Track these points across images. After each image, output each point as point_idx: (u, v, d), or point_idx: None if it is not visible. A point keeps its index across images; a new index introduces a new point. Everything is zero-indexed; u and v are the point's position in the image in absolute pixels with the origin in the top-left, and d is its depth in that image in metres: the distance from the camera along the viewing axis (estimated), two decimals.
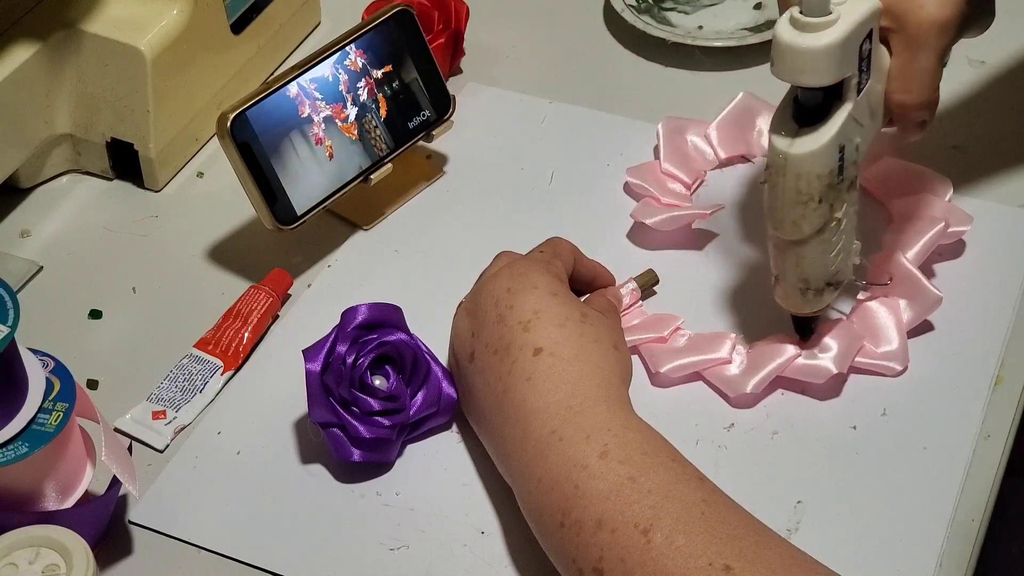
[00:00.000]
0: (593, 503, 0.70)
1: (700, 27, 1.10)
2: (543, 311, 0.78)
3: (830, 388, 0.84)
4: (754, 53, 1.08)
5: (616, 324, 0.83)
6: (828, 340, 0.84)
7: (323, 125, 0.92)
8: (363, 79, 0.94)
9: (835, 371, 0.83)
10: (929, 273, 0.89)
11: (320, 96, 0.92)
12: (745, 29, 1.09)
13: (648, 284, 0.90)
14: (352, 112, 0.93)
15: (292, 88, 0.91)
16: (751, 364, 0.84)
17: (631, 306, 0.88)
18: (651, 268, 0.90)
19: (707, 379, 0.85)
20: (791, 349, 0.83)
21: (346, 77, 0.93)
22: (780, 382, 0.84)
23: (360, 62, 0.94)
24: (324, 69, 0.93)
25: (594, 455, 0.72)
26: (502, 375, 0.77)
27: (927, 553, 0.76)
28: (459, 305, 0.84)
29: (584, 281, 0.87)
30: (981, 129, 1.02)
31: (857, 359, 0.84)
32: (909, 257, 0.87)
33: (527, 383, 0.76)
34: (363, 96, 0.94)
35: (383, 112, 0.95)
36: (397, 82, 0.95)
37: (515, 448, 0.75)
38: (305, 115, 0.91)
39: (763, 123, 0.99)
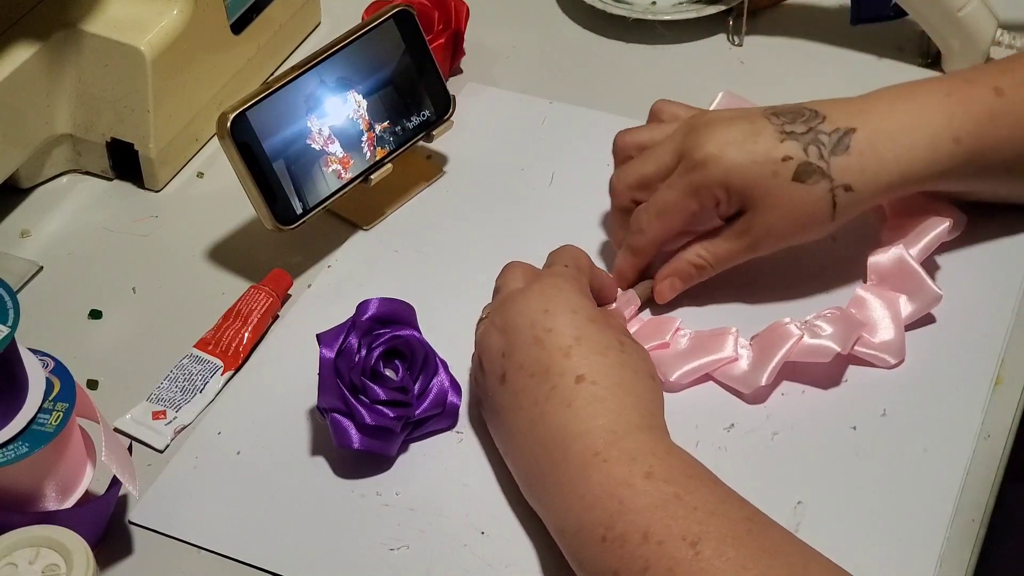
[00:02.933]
0: (639, 516, 0.70)
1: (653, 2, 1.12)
2: (584, 338, 0.77)
3: (832, 375, 0.84)
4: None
5: (645, 354, 0.80)
6: (828, 325, 0.84)
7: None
8: (366, 134, 0.94)
9: (838, 350, 0.83)
10: (929, 271, 0.89)
11: (334, 141, 0.93)
12: None
13: (648, 296, 0.89)
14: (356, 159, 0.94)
15: (308, 128, 0.92)
16: (758, 356, 0.84)
17: (630, 319, 0.88)
18: (649, 279, 0.90)
19: (718, 379, 0.85)
20: (794, 332, 0.84)
21: (355, 131, 0.94)
22: (787, 368, 0.84)
23: (367, 117, 0.94)
24: (338, 117, 0.93)
25: (639, 475, 0.71)
26: (539, 400, 0.76)
27: (927, 553, 0.76)
28: (481, 320, 0.83)
29: (592, 290, 0.86)
30: None
31: (856, 348, 0.84)
32: (913, 254, 0.87)
33: (568, 409, 0.75)
34: (366, 151, 0.95)
35: (379, 155, 0.95)
36: (399, 128, 0.96)
37: (551, 469, 0.74)
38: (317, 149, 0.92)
39: None
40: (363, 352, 0.79)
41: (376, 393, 0.79)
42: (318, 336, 0.79)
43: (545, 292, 0.79)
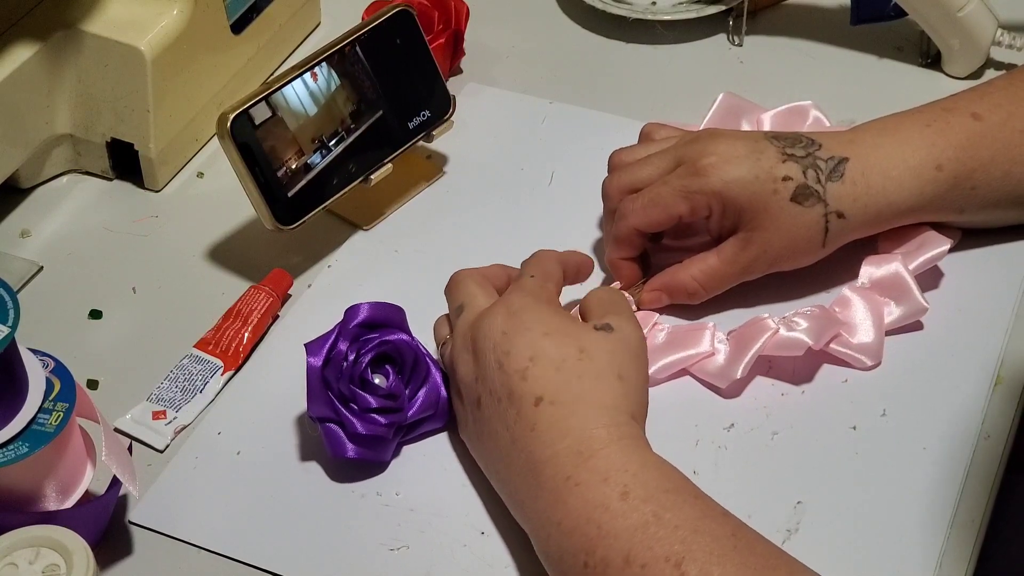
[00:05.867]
0: (619, 541, 0.69)
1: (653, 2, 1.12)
2: (538, 356, 0.76)
3: (805, 370, 0.84)
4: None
5: (618, 347, 0.77)
6: (804, 320, 0.84)
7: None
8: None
9: (810, 343, 0.83)
10: (928, 272, 0.88)
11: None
12: None
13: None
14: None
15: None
16: (735, 351, 0.84)
17: None
18: (641, 281, 0.89)
19: (694, 374, 0.85)
20: (770, 326, 0.84)
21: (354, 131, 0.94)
22: (762, 362, 0.84)
23: (367, 117, 0.94)
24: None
25: (615, 496, 0.70)
26: (509, 425, 0.75)
27: (927, 553, 0.76)
28: (445, 343, 0.82)
29: (569, 278, 0.85)
30: None
31: (832, 345, 0.84)
32: (910, 268, 0.87)
33: (532, 433, 0.74)
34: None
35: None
36: (398, 128, 0.96)
37: (529, 496, 0.74)
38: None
39: (747, 125, 0.99)
40: (351, 359, 0.79)
41: (367, 401, 0.79)
42: (305, 345, 0.79)
43: (509, 312, 0.78)
